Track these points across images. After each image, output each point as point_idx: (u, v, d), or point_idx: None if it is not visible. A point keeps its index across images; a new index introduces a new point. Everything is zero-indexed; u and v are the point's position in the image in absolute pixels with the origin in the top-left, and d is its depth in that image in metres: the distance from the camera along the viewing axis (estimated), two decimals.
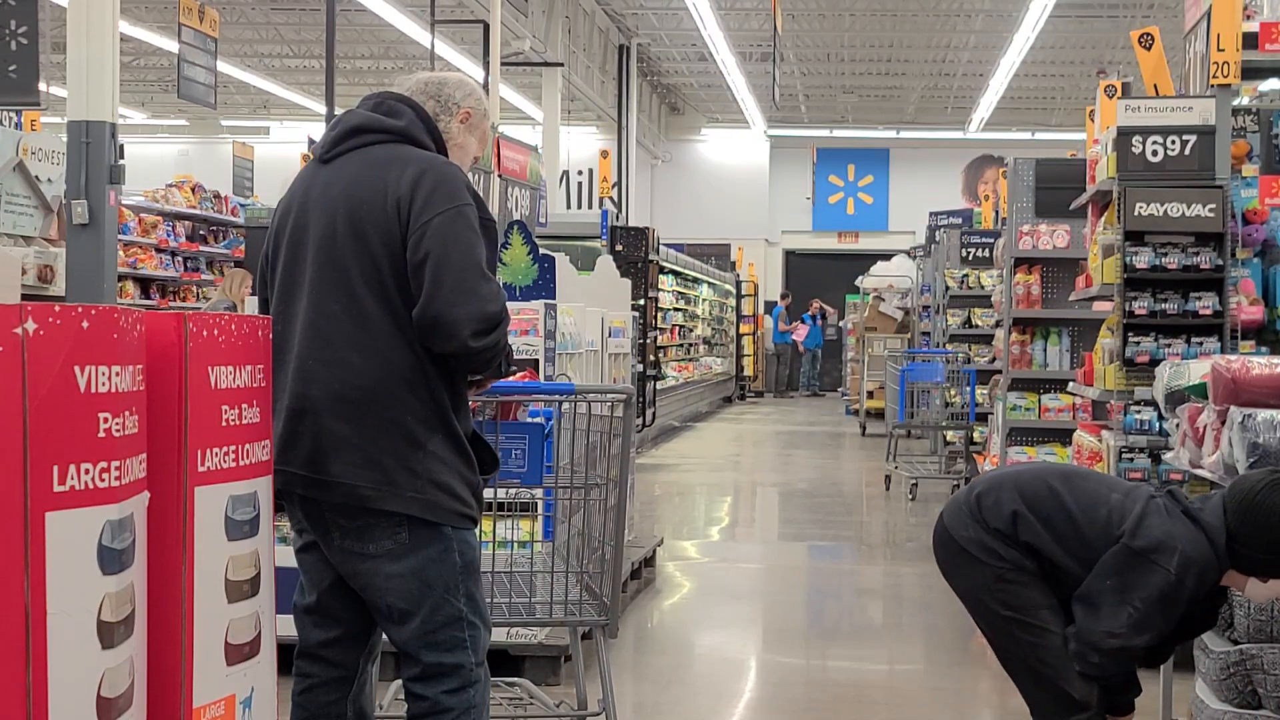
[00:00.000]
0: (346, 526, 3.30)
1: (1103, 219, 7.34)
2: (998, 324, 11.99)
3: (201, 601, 2.54)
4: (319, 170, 3.45)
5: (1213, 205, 6.60)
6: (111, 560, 2.24)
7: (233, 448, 2.62)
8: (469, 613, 3.37)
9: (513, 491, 4.52)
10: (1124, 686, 3.95)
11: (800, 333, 28.79)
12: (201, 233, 16.22)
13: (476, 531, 3.44)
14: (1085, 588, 3.82)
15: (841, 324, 26.94)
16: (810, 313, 29.09)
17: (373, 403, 3.25)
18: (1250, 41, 6.75)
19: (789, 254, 31.65)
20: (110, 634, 2.23)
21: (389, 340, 3.27)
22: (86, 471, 2.19)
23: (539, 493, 4.81)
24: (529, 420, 4.22)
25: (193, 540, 2.53)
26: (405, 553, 3.30)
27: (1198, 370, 4.89)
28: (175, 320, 2.51)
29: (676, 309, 21.44)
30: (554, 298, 6.47)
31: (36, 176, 10.04)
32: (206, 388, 2.56)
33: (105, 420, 2.23)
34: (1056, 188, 9.58)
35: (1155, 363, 6.20)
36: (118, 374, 2.26)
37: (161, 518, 2.46)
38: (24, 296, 4.53)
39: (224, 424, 2.60)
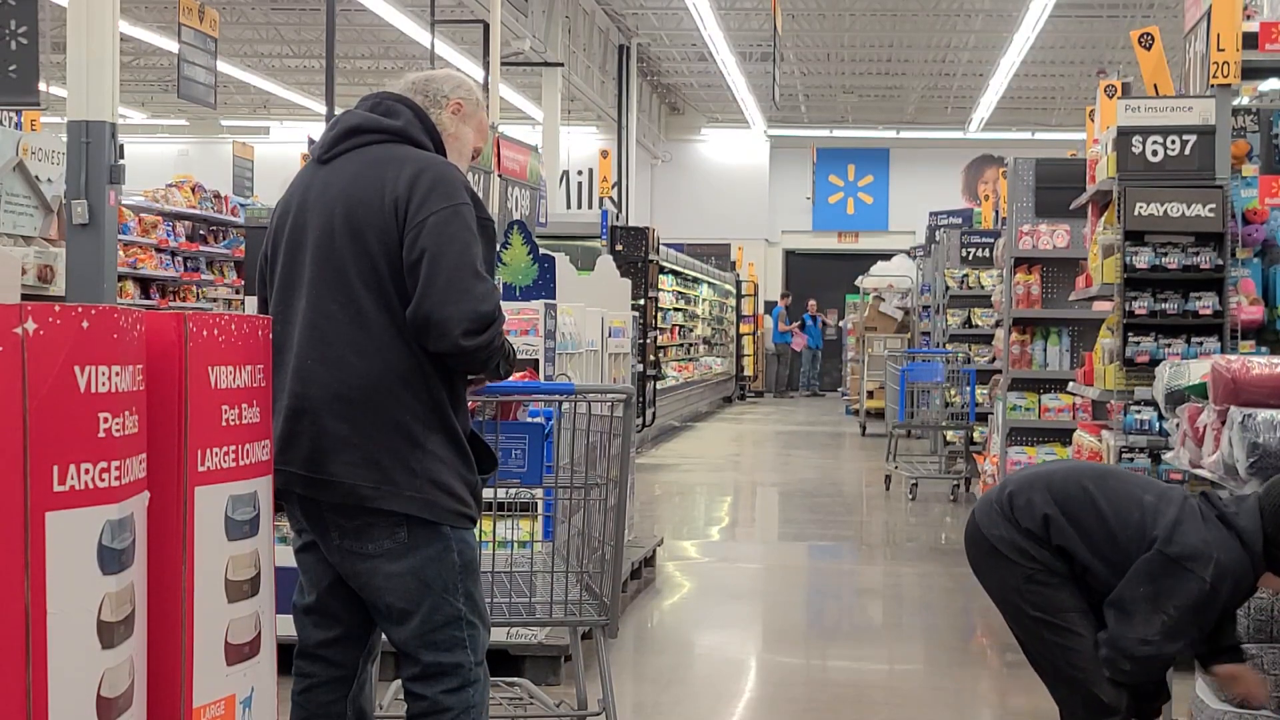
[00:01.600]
0: (345, 526, 3.30)
1: (1103, 219, 7.34)
2: (998, 324, 11.99)
3: (201, 601, 2.54)
4: (317, 170, 3.45)
5: (1213, 205, 6.60)
6: (111, 560, 2.24)
7: (233, 448, 2.62)
8: (468, 612, 3.37)
9: (513, 491, 4.52)
10: (1154, 693, 3.94)
11: (799, 341, 28.82)
12: (201, 233, 16.22)
13: (476, 531, 3.44)
14: (1118, 594, 3.79)
15: (841, 324, 26.95)
16: (810, 314, 29.11)
17: (371, 402, 3.25)
18: (1250, 41, 6.75)
19: (789, 254, 31.65)
20: (110, 634, 2.23)
21: (387, 340, 3.27)
22: (86, 471, 2.19)
23: (539, 493, 4.81)
24: (529, 420, 4.22)
25: (193, 540, 2.53)
26: (404, 552, 3.30)
27: (1198, 370, 4.89)
28: (175, 320, 2.51)
29: (676, 309, 21.44)
30: (554, 298, 6.47)
31: (36, 176, 10.03)
32: (206, 388, 2.56)
33: (105, 420, 2.23)
34: (1056, 188, 9.59)
35: (1155, 363, 6.20)
36: (118, 374, 2.26)
37: (161, 518, 2.46)
38: (24, 296, 4.54)
39: (224, 424, 2.60)
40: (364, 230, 3.29)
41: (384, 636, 3.51)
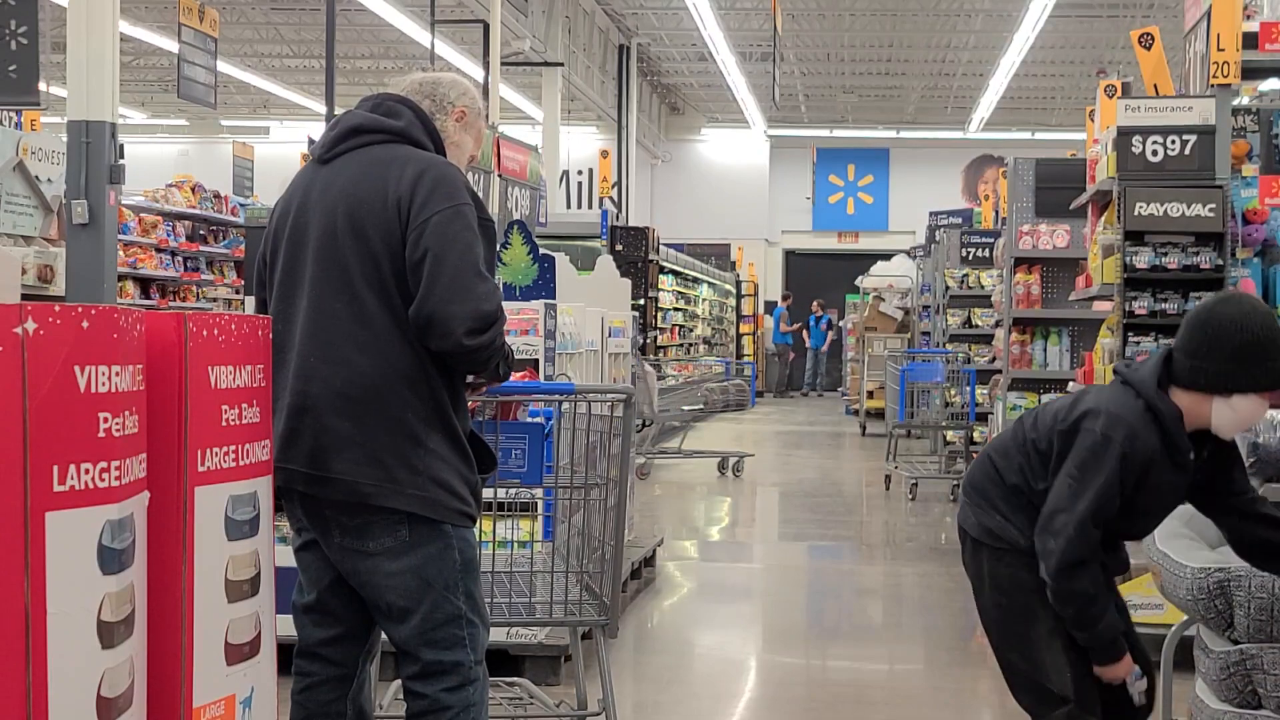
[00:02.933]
0: (346, 524, 3.30)
1: (1103, 219, 7.34)
2: (998, 324, 12.00)
3: (201, 601, 2.54)
4: (318, 170, 3.45)
5: (1213, 205, 6.60)
6: (111, 560, 2.24)
7: (233, 448, 2.62)
8: (468, 611, 3.37)
9: (513, 491, 4.52)
10: (1109, 639, 3.80)
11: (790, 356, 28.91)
12: (201, 233, 16.22)
13: (476, 531, 3.45)
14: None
15: (841, 324, 26.97)
16: (814, 314, 29.09)
17: (374, 400, 3.26)
18: (1250, 41, 6.75)
19: (789, 254, 31.66)
20: (110, 634, 2.23)
21: (389, 338, 3.28)
22: (86, 471, 2.19)
23: (539, 493, 4.82)
24: (529, 420, 4.22)
25: (193, 540, 2.53)
26: (405, 550, 3.30)
27: None
28: (175, 320, 2.51)
29: (676, 309, 21.46)
30: (554, 298, 6.48)
31: (36, 176, 10.03)
32: (206, 388, 2.56)
33: (105, 420, 2.23)
34: (1056, 188, 9.60)
35: None
36: (118, 374, 2.26)
37: (161, 518, 2.46)
38: (24, 296, 4.53)
39: (224, 424, 2.60)
40: (366, 230, 3.30)
41: (384, 636, 3.51)
